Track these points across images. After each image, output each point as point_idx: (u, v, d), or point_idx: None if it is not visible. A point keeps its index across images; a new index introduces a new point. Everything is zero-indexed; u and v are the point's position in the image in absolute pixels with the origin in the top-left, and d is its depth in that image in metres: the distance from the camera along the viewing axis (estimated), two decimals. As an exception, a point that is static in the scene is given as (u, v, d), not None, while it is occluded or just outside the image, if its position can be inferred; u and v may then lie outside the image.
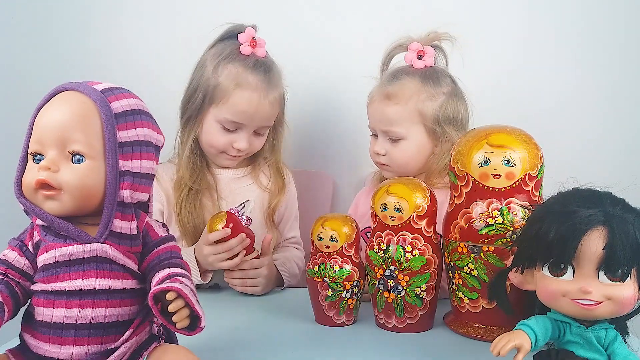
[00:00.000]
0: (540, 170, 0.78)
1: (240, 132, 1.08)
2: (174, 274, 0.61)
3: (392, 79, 1.06)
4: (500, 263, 0.76)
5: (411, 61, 1.07)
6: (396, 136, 1.05)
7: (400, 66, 1.09)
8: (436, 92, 1.05)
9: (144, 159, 0.64)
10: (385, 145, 1.07)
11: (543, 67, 1.34)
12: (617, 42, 1.33)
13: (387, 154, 1.07)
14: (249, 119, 1.07)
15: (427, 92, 1.04)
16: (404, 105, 1.04)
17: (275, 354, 0.75)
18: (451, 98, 1.06)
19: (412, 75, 1.06)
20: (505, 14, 1.34)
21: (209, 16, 1.13)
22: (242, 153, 1.11)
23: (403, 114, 1.04)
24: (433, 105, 1.04)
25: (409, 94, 1.04)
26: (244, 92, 1.05)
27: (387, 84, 1.06)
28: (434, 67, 1.08)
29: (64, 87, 0.63)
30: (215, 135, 1.08)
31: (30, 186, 0.61)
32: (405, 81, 1.05)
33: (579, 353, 0.61)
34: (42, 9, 1.38)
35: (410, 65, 1.07)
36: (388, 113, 1.04)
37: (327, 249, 0.85)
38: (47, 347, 0.59)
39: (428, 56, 1.06)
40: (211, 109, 1.08)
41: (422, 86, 1.04)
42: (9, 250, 0.63)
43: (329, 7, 1.36)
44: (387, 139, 1.06)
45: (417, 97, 1.04)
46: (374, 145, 1.09)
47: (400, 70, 1.07)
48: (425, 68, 1.06)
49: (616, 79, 1.34)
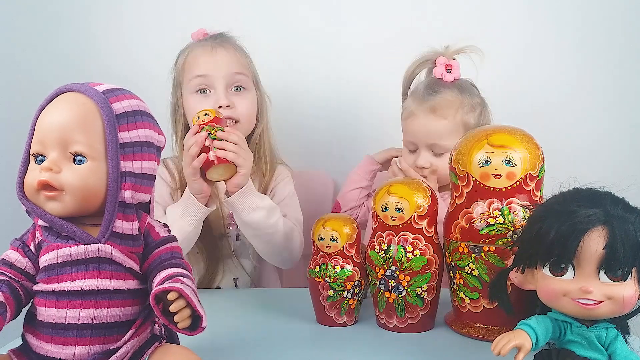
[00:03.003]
0: (541, 170, 0.78)
1: (215, 90, 1.09)
2: (175, 274, 0.61)
3: (432, 92, 1.06)
4: (501, 263, 0.76)
5: (441, 75, 1.07)
6: (442, 149, 1.06)
7: (430, 79, 1.09)
8: (474, 102, 1.07)
9: (145, 160, 0.64)
10: (429, 158, 1.07)
11: (543, 67, 1.35)
12: (617, 42, 1.33)
13: (431, 166, 1.07)
14: (209, 66, 1.08)
15: (467, 103, 1.06)
16: (451, 119, 1.04)
17: (276, 354, 0.75)
18: (485, 107, 1.09)
19: (450, 88, 1.06)
20: (505, 14, 1.35)
21: (209, 17, 1.13)
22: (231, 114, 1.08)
23: (451, 127, 1.04)
24: (474, 115, 1.06)
25: (455, 106, 1.05)
26: (193, 51, 1.11)
27: (428, 97, 1.05)
28: (462, 79, 1.09)
29: (66, 88, 0.64)
30: (197, 106, 1.08)
31: (32, 187, 0.61)
32: (446, 94, 1.05)
33: (579, 352, 0.61)
34: (43, 10, 1.38)
35: (440, 79, 1.07)
36: (436, 127, 1.05)
37: (328, 249, 0.85)
38: (49, 347, 0.59)
39: (455, 69, 1.07)
40: (183, 92, 1.11)
41: (462, 98, 1.06)
42: (11, 250, 0.63)
43: (331, 10, 1.36)
44: (430, 152, 1.07)
45: (462, 109, 1.05)
46: (414, 159, 1.09)
47: (434, 82, 1.07)
48: (455, 81, 1.07)
49: (617, 79, 1.34)
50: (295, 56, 1.35)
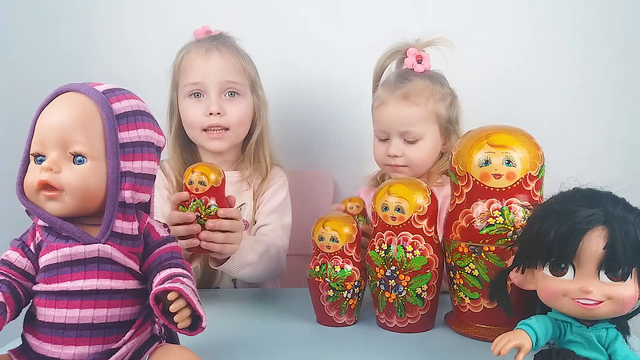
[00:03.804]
0: (541, 170, 0.78)
1: (207, 96, 1.08)
2: (175, 274, 0.61)
3: (404, 80, 1.06)
4: (501, 263, 0.76)
5: (412, 65, 1.07)
6: (414, 137, 1.05)
7: (401, 70, 1.09)
8: (444, 92, 1.07)
9: (145, 160, 0.64)
10: (401, 146, 1.06)
11: (543, 67, 1.34)
12: (617, 42, 1.33)
13: (403, 155, 1.06)
14: (202, 73, 1.08)
15: (438, 92, 1.06)
16: (423, 106, 1.04)
17: (276, 354, 0.75)
18: (455, 98, 1.09)
19: (421, 77, 1.06)
20: (505, 14, 1.35)
21: (209, 17, 1.13)
22: (221, 120, 1.08)
23: (422, 114, 1.05)
24: (444, 105, 1.07)
25: (426, 94, 1.05)
26: (189, 53, 1.10)
27: (400, 85, 1.05)
28: (433, 70, 1.09)
29: (66, 88, 0.64)
30: (189, 110, 1.09)
31: (32, 187, 0.61)
32: (417, 82, 1.05)
33: (579, 353, 0.61)
34: (43, 10, 1.38)
35: (411, 69, 1.08)
36: (407, 114, 1.04)
37: (328, 249, 0.85)
38: (49, 347, 0.59)
39: (426, 60, 1.08)
40: (178, 93, 1.11)
41: (434, 87, 1.06)
42: (10, 251, 0.63)
43: (329, 10, 1.36)
44: (402, 140, 1.06)
45: (433, 97, 1.05)
46: (385, 148, 1.08)
47: (406, 72, 1.08)
48: (425, 72, 1.08)
49: (617, 78, 1.34)
50: (295, 56, 1.35)
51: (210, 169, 0.89)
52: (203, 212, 0.88)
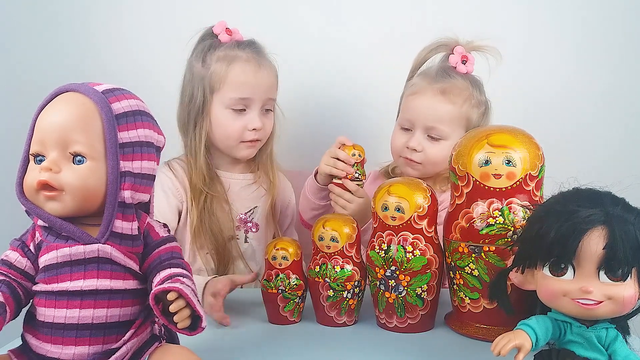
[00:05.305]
0: (541, 170, 0.78)
1: (250, 111, 1.07)
2: (175, 274, 0.61)
3: (445, 75, 1.03)
4: (501, 263, 0.76)
5: (456, 64, 1.05)
6: (439, 135, 1.03)
7: (444, 64, 1.06)
8: (481, 100, 1.05)
9: (144, 160, 0.64)
10: (422, 141, 1.04)
11: (543, 67, 1.34)
12: (617, 42, 1.33)
13: (423, 150, 1.04)
14: (252, 90, 1.06)
15: (476, 98, 1.04)
16: (458, 107, 1.02)
17: (276, 354, 0.75)
18: (488, 109, 1.07)
19: (463, 78, 1.04)
20: (505, 14, 1.35)
21: (209, 17, 1.13)
22: (259, 134, 1.09)
23: (454, 114, 1.02)
24: (477, 112, 1.04)
25: (464, 95, 1.03)
26: (238, 65, 1.06)
27: (440, 79, 1.03)
28: (474, 75, 1.07)
29: (65, 88, 0.64)
30: (228, 122, 1.07)
31: (31, 187, 0.61)
32: (458, 82, 1.03)
33: (579, 353, 0.61)
34: (43, 10, 1.38)
35: (453, 67, 1.05)
36: (440, 110, 1.02)
37: (328, 249, 0.85)
38: (48, 347, 0.59)
39: (470, 62, 1.06)
40: (214, 99, 1.07)
41: (472, 91, 1.04)
42: (10, 251, 0.63)
43: (331, 9, 1.36)
44: (425, 135, 1.04)
45: (470, 101, 1.03)
46: (405, 139, 1.05)
47: (449, 69, 1.05)
48: (467, 74, 1.05)
49: (617, 79, 1.34)
50: (295, 56, 1.35)
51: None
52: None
